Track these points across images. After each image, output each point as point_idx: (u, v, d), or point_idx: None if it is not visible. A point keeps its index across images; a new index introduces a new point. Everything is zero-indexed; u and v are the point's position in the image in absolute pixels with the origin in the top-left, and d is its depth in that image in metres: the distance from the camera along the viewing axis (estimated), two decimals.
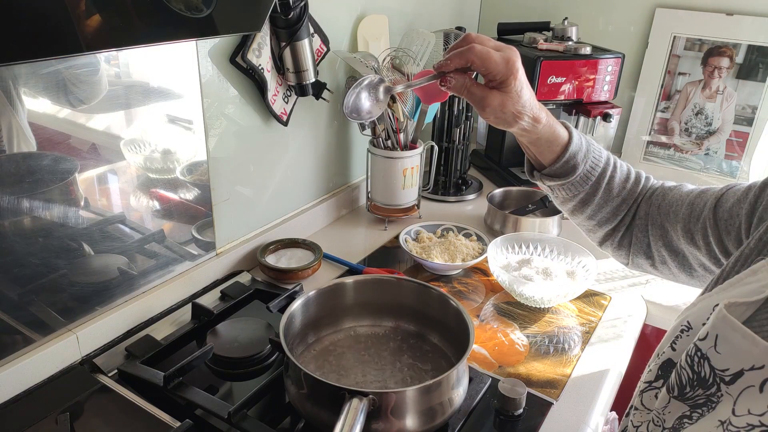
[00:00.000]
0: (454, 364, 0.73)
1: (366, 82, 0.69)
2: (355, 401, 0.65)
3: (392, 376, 0.82)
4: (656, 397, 0.58)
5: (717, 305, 0.52)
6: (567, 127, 0.75)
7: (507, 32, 1.63)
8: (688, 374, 0.53)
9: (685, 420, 0.53)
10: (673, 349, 0.58)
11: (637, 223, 0.78)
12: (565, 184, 0.76)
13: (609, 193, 0.77)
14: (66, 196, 0.81)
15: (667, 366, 0.58)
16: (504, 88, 0.66)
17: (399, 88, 0.74)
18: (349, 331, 0.91)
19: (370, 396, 0.67)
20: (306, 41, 1.05)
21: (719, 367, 0.50)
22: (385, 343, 0.89)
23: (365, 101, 0.69)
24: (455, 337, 0.84)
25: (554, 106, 1.52)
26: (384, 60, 1.31)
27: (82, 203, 0.83)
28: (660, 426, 0.56)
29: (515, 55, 0.66)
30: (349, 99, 0.68)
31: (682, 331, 0.58)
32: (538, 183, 0.79)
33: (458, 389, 0.75)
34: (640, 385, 0.61)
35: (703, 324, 0.53)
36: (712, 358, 0.51)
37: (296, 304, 0.83)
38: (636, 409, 0.61)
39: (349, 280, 0.91)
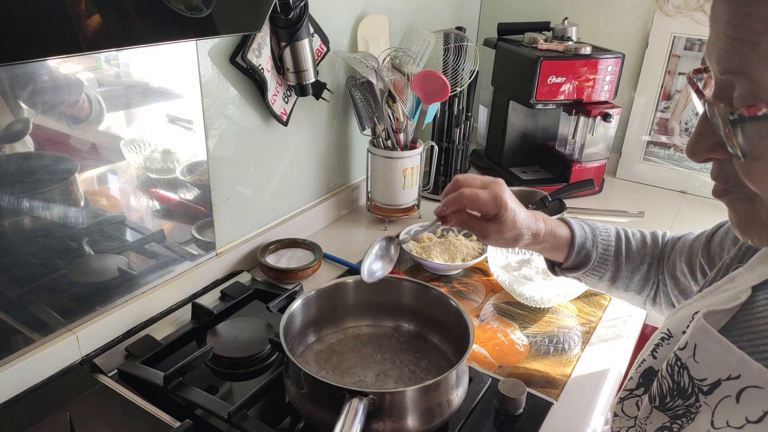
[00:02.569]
0: (454, 364, 0.73)
1: (376, 249, 0.77)
2: (355, 401, 0.65)
3: (392, 376, 0.82)
4: (637, 405, 0.58)
5: (696, 313, 0.52)
6: (567, 223, 0.80)
7: (507, 32, 1.63)
8: (669, 384, 0.53)
9: (665, 431, 0.53)
10: (654, 357, 0.58)
11: (662, 279, 0.80)
12: (587, 271, 0.79)
13: (633, 263, 0.80)
14: (66, 196, 0.81)
15: (648, 374, 0.58)
16: (497, 220, 0.71)
17: (407, 239, 0.84)
18: (350, 331, 0.91)
19: (370, 396, 0.67)
20: (306, 41, 1.05)
21: (698, 377, 0.50)
22: (386, 343, 0.89)
23: (379, 262, 0.78)
24: (455, 337, 0.84)
25: (554, 106, 1.52)
26: (384, 60, 1.31)
27: (82, 203, 0.83)
28: None
29: (501, 189, 0.71)
30: (365, 266, 0.75)
31: (662, 339, 0.58)
32: (563, 277, 0.83)
33: (458, 389, 0.75)
34: (621, 392, 0.61)
35: (683, 332, 0.53)
36: (691, 367, 0.51)
37: (296, 304, 0.83)
38: (616, 415, 0.61)
39: (350, 280, 0.91)
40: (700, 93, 0.42)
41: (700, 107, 0.42)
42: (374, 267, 0.77)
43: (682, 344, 0.52)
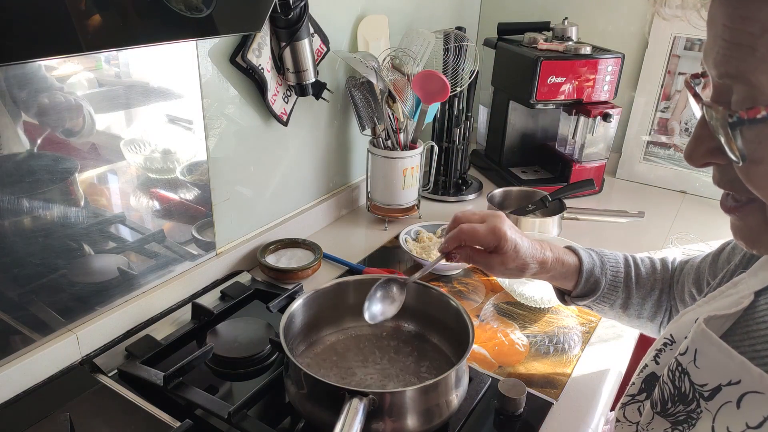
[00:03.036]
0: (454, 364, 0.73)
1: (379, 293, 0.81)
2: (355, 401, 0.65)
3: (392, 376, 0.82)
4: (639, 411, 0.58)
5: (698, 319, 0.52)
6: (574, 251, 0.80)
7: (507, 32, 1.63)
8: (670, 389, 0.53)
9: None
10: (657, 363, 0.58)
11: (674, 304, 0.80)
12: (598, 298, 0.79)
13: (643, 289, 0.80)
14: (66, 196, 0.81)
15: (650, 379, 0.58)
16: (499, 252, 0.73)
17: (415, 278, 0.83)
18: (350, 331, 0.91)
19: (370, 396, 0.67)
20: (306, 41, 1.05)
21: (698, 383, 0.50)
22: (386, 343, 0.89)
23: (381, 304, 0.81)
24: (455, 337, 0.84)
25: (554, 106, 1.52)
26: (384, 60, 1.31)
27: (82, 203, 0.83)
28: None
29: (500, 222, 0.73)
30: (366, 309, 0.79)
31: (665, 344, 0.58)
32: (573, 306, 0.83)
33: (458, 389, 0.75)
34: (623, 398, 0.61)
35: (685, 338, 0.53)
36: (691, 373, 0.51)
37: (296, 304, 0.83)
38: (618, 421, 0.61)
39: (350, 279, 0.91)
40: (697, 97, 0.42)
41: (698, 111, 0.42)
42: (375, 310, 0.80)
43: (683, 349, 0.52)
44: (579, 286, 0.78)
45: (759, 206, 0.42)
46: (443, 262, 0.79)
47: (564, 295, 0.82)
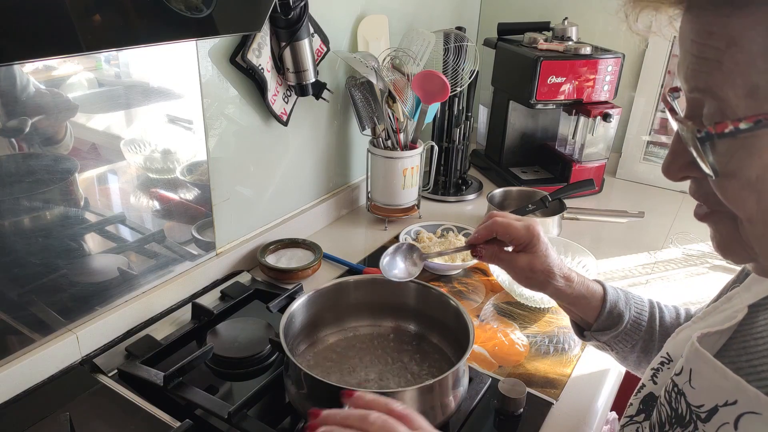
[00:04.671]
0: (454, 364, 0.73)
1: (400, 255, 0.82)
2: None
3: (392, 376, 0.82)
4: None
5: (692, 337, 0.51)
6: (599, 282, 0.76)
7: (507, 32, 1.63)
8: (667, 411, 0.52)
9: None
10: (654, 383, 0.57)
11: None
12: (620, 334, 0.74)
13: (666, 334, 0.75)
14: (66, 196, 0.81)
15: (648, 400, 0.57)
16: (530, 250, 0.72)
17: (432, 254, 0.81)
18: (350, 331, 0.91)
19: None
20: (306, 41, 1.05)
21: (695, 404, 0.49)
22: (386, 344, 0.89)
23: (404, 264, 0.81)
24: (455, 337, 0.84)
25: (554, 106, 1.52)
26: (384, 60, 1.31)
27: (82, 203, 0.83)
28: None
29: (535, 224, 0.72)
30: (391, 265, 0.79)
31: (662, 363, 0.57)
32: (592, 343, 0.78)
33: (458, 389, 0.75)
34: (623, 419, 0.60)
35: (681, 356, 0.52)
36: (687, 393, 0.50)
37: (296, 304, 0.83)
38: None
39: (350, 279, 0.91)
40: (673, 111, 0.42)
41: (675, 126, 0.42)
42: (399, 267, 0.79)
43: (678, 369, 0.51)
44: (602, 317, 0.73)
45: (728, 214, 0.42)
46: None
47: (583, 331, 0.77)
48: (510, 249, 0.74)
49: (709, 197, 0.42)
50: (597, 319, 0.74)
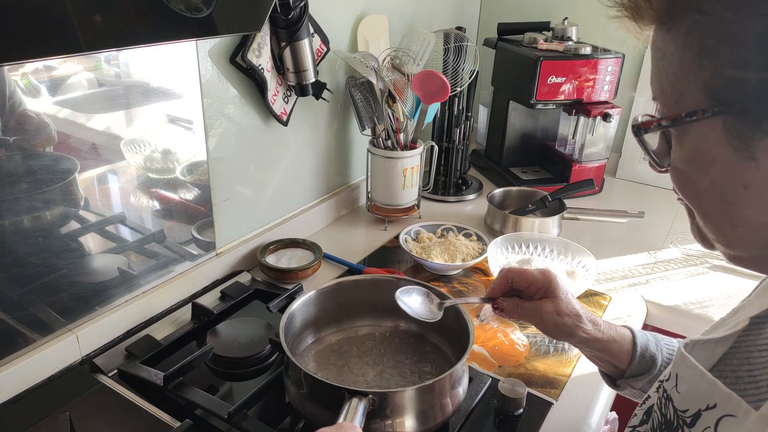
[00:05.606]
0: (454, 363, 0.73)
1: (420, 296, 0.80)
2: (354, 401, 0.65)
3: (392, 376, 0.82)
4: None
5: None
6: (627, 327, 0.74)
7: (507, 32, 1.63)
8: (659, 418, 0.52)
9: None
10: (658, 394, 0.57)
11: None
12: (654, 378, 0.71)
13: None
14: (66, 196, 0.81)
15: (650, 410, 0.57)
16: (550, 295, 0.71)
17: (449, 303, 0.80)
18: (349, 331, 0.91)
19: (370, 396, 0.67)
20: (306, 41, 1.05)
21: (681, 408, 0.49)
22: (385, 343, 0.89)
23: (419, 304, 0.79)
24: (455, 337, 0.84)
25: (554, 106, 1.52)
26: (384, 60, 1.31)
27: (82, 203, 0.83)
28: None
29: (550, 270, 0.73)
30: (413, 305, 0.78)
31: (667, 378, 0.56)
32: (626, 393, 0.75)
33: (458, 389, 0.75)
34: (626, 429, 0.60)
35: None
36: (674, 399, 0.50)
37: (296, 304, 0.83)
38: None
39: (350, 279, 0.91)
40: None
41: None
42: (421, 308, 0.78)
43: (666, 375, 0.52)
44: (634, 361, 0.70)
45: (687, 205, 0.47)
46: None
47: (615, 381, 0.74)
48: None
49: (675, 188, 0.48)
50: (630, 364, 0.71)
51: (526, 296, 0.74)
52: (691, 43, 0.40)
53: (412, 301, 0.78)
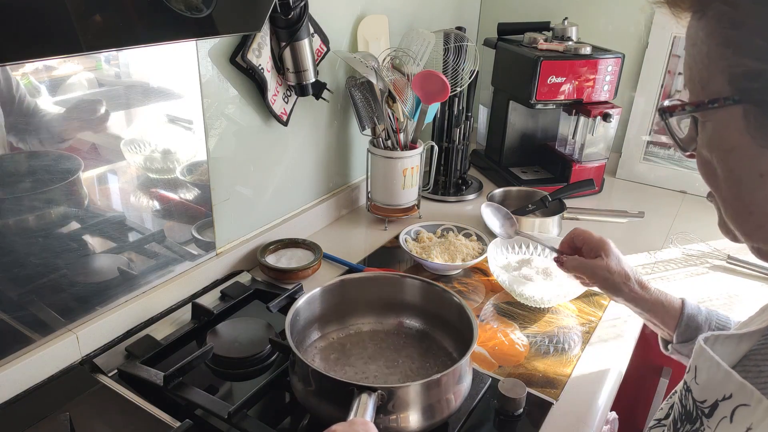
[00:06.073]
0: (457, 360, 0.74)
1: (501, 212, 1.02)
2: (364, 396, 0.66)
3: (396, 372, 0.83)
4: None
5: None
6: (681, 298, 0.79)
7: (507, 32, 1.63)
8: (679, 409, 0.53)
9: None
10: None
11: None
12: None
13: None
14: (66, 196, 0.81)
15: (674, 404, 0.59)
16: (603, 253, 0.83)
17: (524, 234, 1.04)
18: (353, 328, 0.92)
19: (379, 391, 0.67)
20: (306, 41, 1.05)
21: (699, 399, 0.50)
22: (389, 341, 0.89)
23: (500, 223, 1.02)
24: (459, 334, 0.85)
25: (554, 106, 1.52)
26: (384, 60, 1.31)
27: (83, 203, 0.83)
28: None
29: (605, 237, 0.85)
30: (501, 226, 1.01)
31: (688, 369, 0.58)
32: (677, 357, 0.80)
33: (462, 384, 0.75)
34: (651, 422, 0.62)
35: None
36: (693, 390, 0.51)
37: (301, 301, 0.83)
38: None
39: (353, 277, 0.91)
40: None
41: None
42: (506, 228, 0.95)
43: (688, 368, 0.53)
44: (680, 327, 0.76)
45: (714, 195, 0.48)
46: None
47: (667, 344, 0.80)
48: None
49: (701, 175, 0.48)
50: (676, 329, 0.76)
51: (585, 255, 0.86)
52: (716, 32, 0.42)
53: (495, 217, 0.94)
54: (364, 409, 0.64)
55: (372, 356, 0.86)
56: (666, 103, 0.47)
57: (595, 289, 0.97)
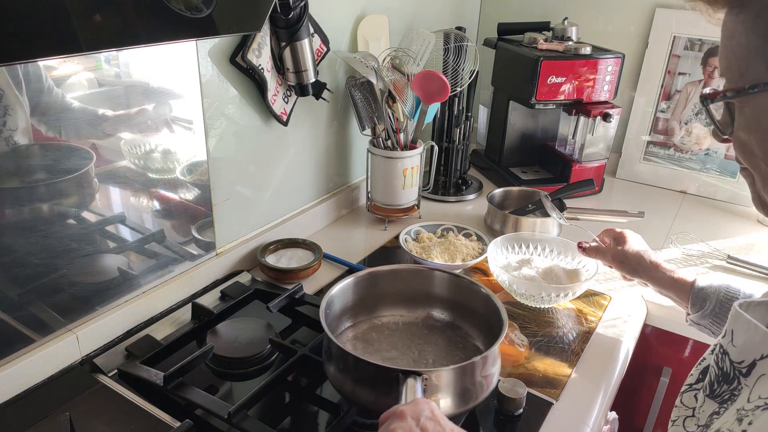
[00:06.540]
0: (482, 351, 0.76)
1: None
2: (410, 381, 0.67)
3: (425, 362, 0.84)
4: (696, 397, 0.62)
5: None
6: (696, 276, 0.90)
7: (507, 32, 1.63)
8: (716, 371, 0.57)
9: (714, 416, 0.56)
10: (713, 354, 0.61)
11: None
12: (708, 315, 0.86)
13: None
14: (66, 196, 0.80)
15: (706, 370, 0.62)
16: (622, 241, 1.00)
17: (564, 219, 1.26)
18: (382, 318, 0.93)
19: (424, 375, 0.68)
20: (306, 41, 1.05)
21: (736, 360, 0.54)
22: (417, 331, 0.91)
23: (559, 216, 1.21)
24: (486, 324, 0.86)
25: (554, 106, 1.52)
26: (384, 60, 1.31)
27: (83, 203, 0.83)
28: (695, 421, 0.60)
29: (625, 230, 1.03)
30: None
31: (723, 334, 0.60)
32: (695, 327, 0.89)
33: (494, 369, 0.77)
34: (683, 387, 0.64)
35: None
36: (730, 352, 0.54)
37: (336, 289, 0.85)
38: (676, 406, 0.64)
39: (385, 269, 0.93)
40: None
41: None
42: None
43: (723, 333, 0.57)
44: (690, 299, 0.87)
45: (748, 171, 0.52)
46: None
47: (687, 316, 0.90)
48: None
49: (737, 156, 0.53)
50: (689, 302, 0.88)
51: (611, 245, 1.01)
52: (758, 25, 0.46)
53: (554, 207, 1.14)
54: (413, 393, 0.66)
55: (401, 346, 0.88)
56: (707, 90, 0.51)
57: (596, 289, 0.98)
